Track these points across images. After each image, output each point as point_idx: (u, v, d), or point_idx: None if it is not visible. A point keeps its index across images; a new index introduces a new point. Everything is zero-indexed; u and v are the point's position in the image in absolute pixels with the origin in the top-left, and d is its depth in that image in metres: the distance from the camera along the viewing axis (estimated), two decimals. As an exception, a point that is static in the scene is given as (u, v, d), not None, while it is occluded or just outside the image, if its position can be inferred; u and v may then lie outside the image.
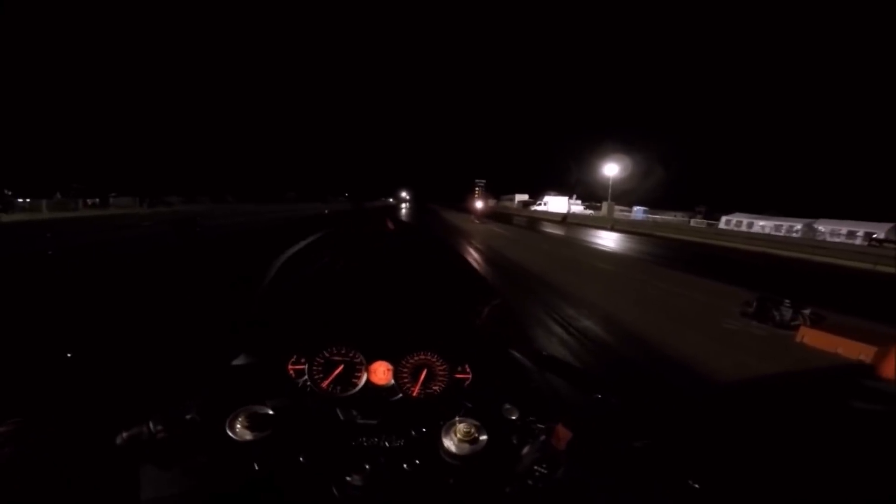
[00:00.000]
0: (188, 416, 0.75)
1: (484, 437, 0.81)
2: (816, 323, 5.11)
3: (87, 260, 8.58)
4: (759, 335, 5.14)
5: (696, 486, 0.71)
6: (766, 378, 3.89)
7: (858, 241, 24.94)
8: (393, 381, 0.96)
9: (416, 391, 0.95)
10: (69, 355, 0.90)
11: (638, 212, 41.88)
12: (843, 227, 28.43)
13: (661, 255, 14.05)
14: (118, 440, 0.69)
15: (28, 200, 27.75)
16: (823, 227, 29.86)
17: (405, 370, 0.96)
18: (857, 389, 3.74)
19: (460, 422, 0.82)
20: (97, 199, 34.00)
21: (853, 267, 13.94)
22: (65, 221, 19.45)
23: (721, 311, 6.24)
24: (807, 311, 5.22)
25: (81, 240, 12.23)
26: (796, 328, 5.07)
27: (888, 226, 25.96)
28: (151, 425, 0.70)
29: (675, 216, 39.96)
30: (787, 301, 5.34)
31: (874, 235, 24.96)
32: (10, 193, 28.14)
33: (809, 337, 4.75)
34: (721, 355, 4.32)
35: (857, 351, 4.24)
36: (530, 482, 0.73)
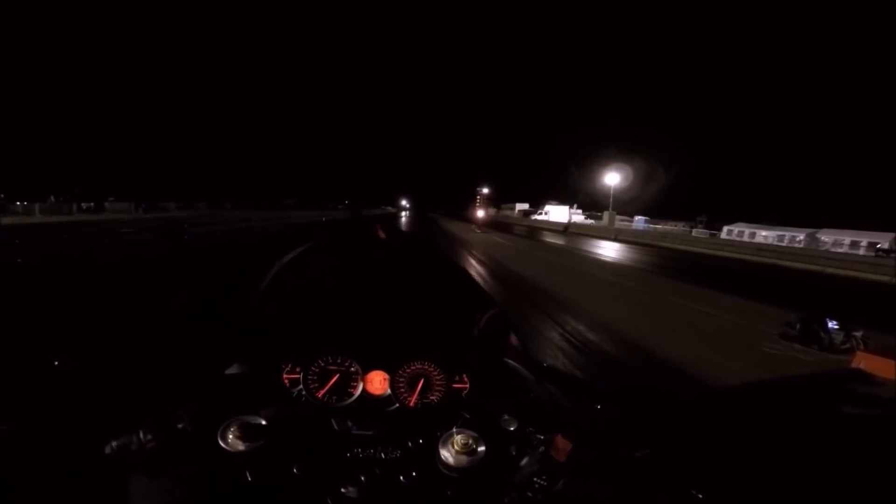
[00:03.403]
0: (180, 426, 0.72)
1: (482, 449, 0.79)
2: (868, 346, 4.60)
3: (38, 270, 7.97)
4: (807, 361, 4.60)
5: (700, 496, 0.68)
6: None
7: (862, 252, 24.71)
8: (389, 391, 0.93)
9: (412, 401, 0.92)
10: (56, 363, 0.86)
11: (639, 221, 41.62)
12: (847, 237, 28.19)
13: (673, 268, 13.62)
14: (108, 449, 0.67)
15: (24, 204, 27.55)
16: (826, 236, 29.62)
17: (402, 380, 0.94)
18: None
19: (458, 433, 0.79)
20: (92, 204, 33.64)
21: (869, 279, 13.51)
22: (50, 226, 18.87)
23: (755, 331, 5.75)
24: (858, 334, 4.69)
25: (48, 249, 11.34)
26: (848, 352, 4.55)
27: (892, 235, 25.68)
28: (142, 434, 0.68)
29: (675, 226, 39.69)
30: (835, 322, 4.82)
31: (878, 245, 24.71)
32: (2, 196, 27.76)
33: (868, 363, 4.20)
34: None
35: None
36: (529, 494, 0.71)
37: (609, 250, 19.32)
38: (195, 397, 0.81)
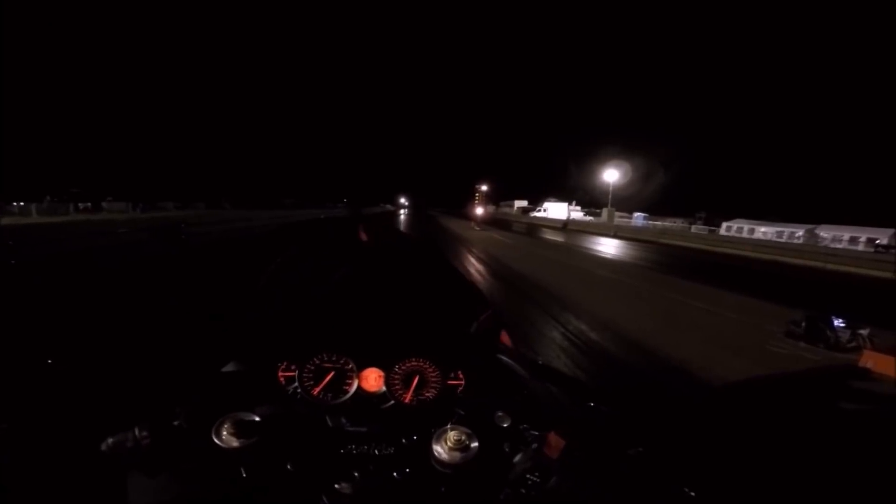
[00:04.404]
0: (175, 423, 0.73)
1: (475, 445, 0.78)
2: (875, 344, 4.53)
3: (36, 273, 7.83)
4: (813, 359, 4.54)
5: (692, 493, 0.69)
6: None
7: (861, 248, 24.71)
8: (384, 388, 0.93)
9: (408, 398, 0.92)
10: (49, 362, 0.84)
11: (638, 218, 41.58)
12: (845, 233, 28.18)
13: (674, 266, 13.58)
14: (104, 447, 0.67)
15: (21, 204, 27.43)
16: (825, 232, 29.63)
17: (397, 377, 0.94)
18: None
19: (451, 429, 0.79)
20: (89, 204, 33.46)
21: (871, 275, 13.48)
22: (47, 227, 18.67)
23: (759, 330, 5.70)
24: (865, 332, 4.63)
25: (42, 250, 11.09)
26: (854, 351, 4.49)
27: (890, 231, 25.68)
28: (137, 432, 0.68)
29: (674, 222, 39.62)
30: (841, 320, 4.76)
31: (877, 241, 24.70)
32: (-2, 196, 27.59)
33: (875, 362, 4.14)
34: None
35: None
36: (522, 491, 0.71)
37: (609, 247, 19.28)
38: (191, 395, 0.81)
